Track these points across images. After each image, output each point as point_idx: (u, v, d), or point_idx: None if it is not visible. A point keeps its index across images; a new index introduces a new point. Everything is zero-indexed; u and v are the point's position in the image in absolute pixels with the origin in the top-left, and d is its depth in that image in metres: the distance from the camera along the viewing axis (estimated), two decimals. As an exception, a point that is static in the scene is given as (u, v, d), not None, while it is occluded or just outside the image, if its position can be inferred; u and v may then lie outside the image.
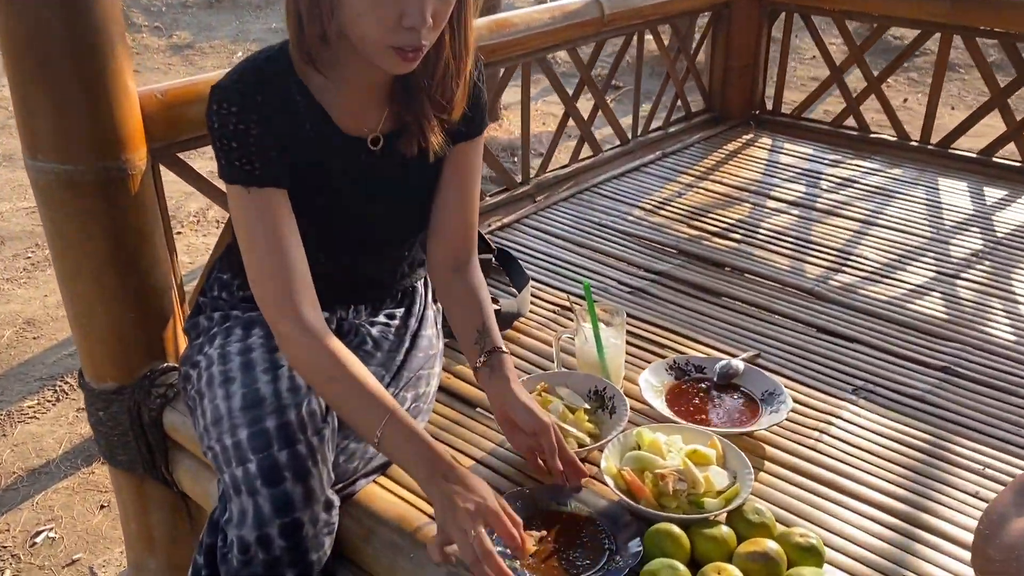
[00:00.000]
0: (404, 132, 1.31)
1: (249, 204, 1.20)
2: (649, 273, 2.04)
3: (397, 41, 1.12)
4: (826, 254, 2.14)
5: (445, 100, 1.28)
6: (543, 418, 1.27)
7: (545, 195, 2.45)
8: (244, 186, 1.19)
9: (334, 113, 1.26)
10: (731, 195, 2.48)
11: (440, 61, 1.24)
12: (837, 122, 2.96)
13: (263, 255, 1.20)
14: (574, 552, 1.19)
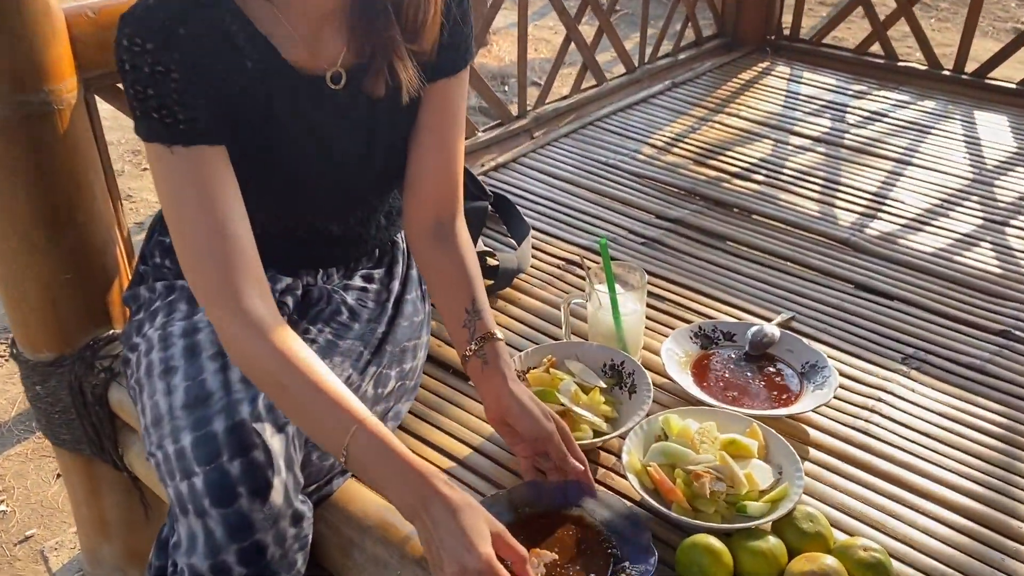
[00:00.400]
0: (369, 67, 1.06)
1: (173, 167, 0.95)
2: (664, 221, 1.82)
3: None
4: (859, 198, 1.92)
5: (415, 25, 1.04)
6: (546, 425, 1.05)
7: (544, 130, 2.20)
8: (166, 145, 0.94)
9: (282, 46, 1.01)
10: (750, 130, 2.24)
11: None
12: (861, 49, 2.70)
13: (194, 230, 0.95)
14: (577, 564, 1.00)
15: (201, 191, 0.95)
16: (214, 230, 0.95)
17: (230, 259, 0.95)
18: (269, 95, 1.02)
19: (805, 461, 1.18)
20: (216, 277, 0.95)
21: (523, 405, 1.06)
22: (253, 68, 1.00)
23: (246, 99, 1.00)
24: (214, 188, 0.96)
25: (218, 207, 0.95)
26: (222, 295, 0.95)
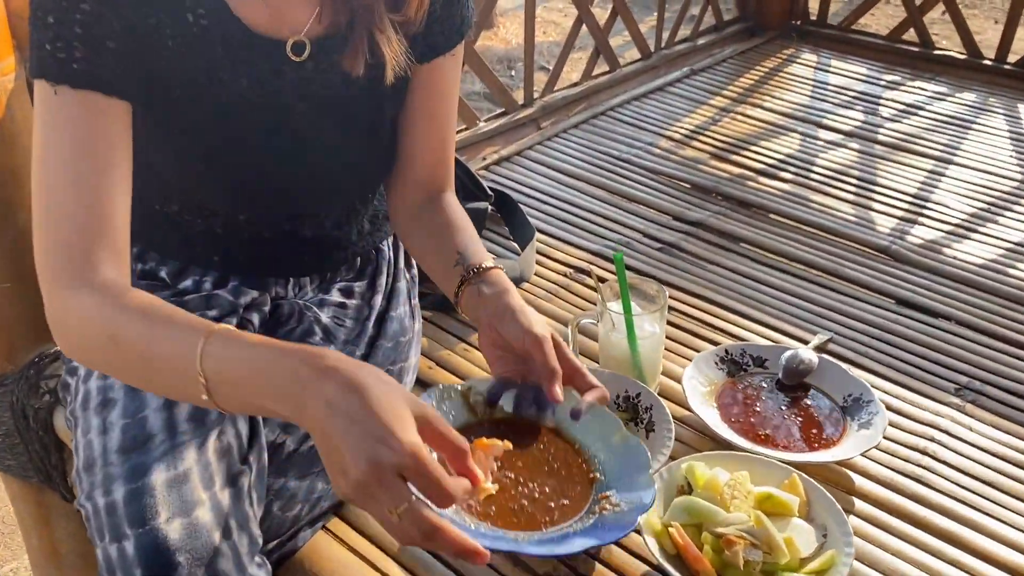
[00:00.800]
0: (346, 39, 0.89)
1: (54, 111, 0.77)
2: (683, 223, 1.64)
3: None
4: (898, 200, 1.74)
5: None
6: (537, 330, 0.85)
7: (552, 120, 2.03)
8: (51, 83, 0.77)
9: (235, 2, 0.84)
10: (775, 123, 2.06)
11: None
12: (894, 36, 2.51)
13: (58, 186, 0.76)
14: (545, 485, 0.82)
15: (78, 144, 0.77)
16: (83, 190, 0.76)
17: (94, 226, 0.76)
18: (213, 57, 0.85)
19: (850, 515, 1.01)
20: (70, 244, 0.76)
21: (520, 309, 0.87)
22: (195, 21, 0.83)
23: (182, 58, 0.83)
24: (95, 144, 0.77)
25: (95, 165, 0.77)
26: (72, 265, 0.75)
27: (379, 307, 1.12)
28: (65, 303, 0.75)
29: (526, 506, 0.80)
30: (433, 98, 1.00)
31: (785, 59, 2.44)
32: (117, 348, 0.73)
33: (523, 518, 0.79)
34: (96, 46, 0.77)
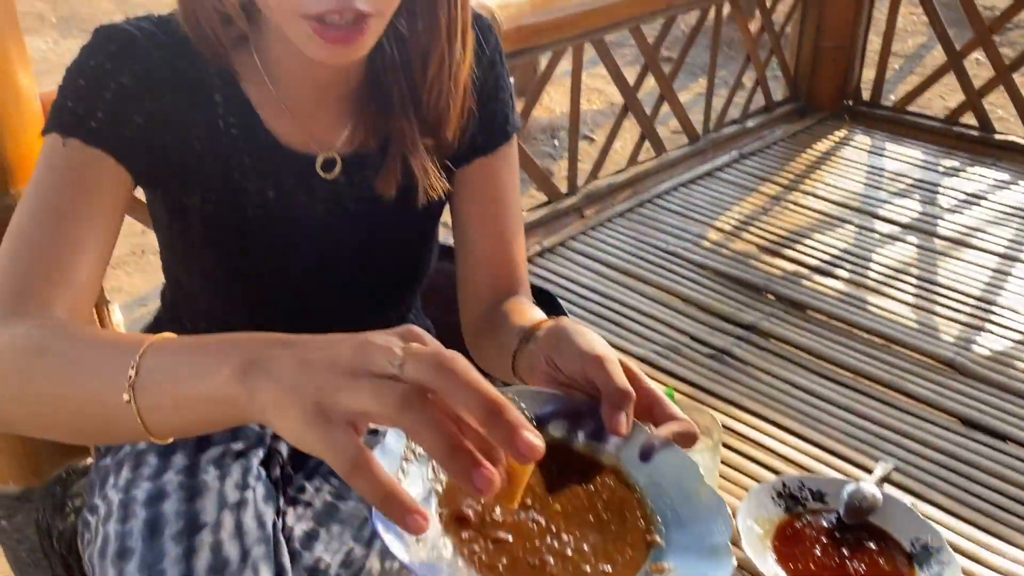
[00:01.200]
0: (377, 159, 0.85)
1: (57, 159, 0.74)
2: (733, 326, 1.58)
3: (311, 3, 0.67)
4: (962, 304, 1.66)
5: (436, 112, 0.83)
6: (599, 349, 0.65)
7: (596, 208, 1.98)
8: (63, 135, 0.73)
9: (266, 114, 0.82)
10: (828, 212, 1.99)
11: (434, 51, 0.80)
12: (952, 118, 2.43)
13: (27, 229, 0.71)
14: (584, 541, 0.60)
15: (67, 191, 0.73)
16: (52, 234, 0.71)
17: (54, 267, 0.71)
18: (240, 166, 0.82)
19: None
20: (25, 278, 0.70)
21: (576, 331, 0.68)
22: (225, 129, 0.80)
23: (208, 162, 0.81)
24: (85, 197, 0.73)
25: (75, 214, 0.72)
26: (19, 298, 0.69)
27: None
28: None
29: (551, 564, 0.57)
30: (483, 202, 0.94)
31: (837, 142, 2.38)
32: (40, 361, 0.63)
33: None
34: (121, 116, 0.74)
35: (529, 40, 1.64)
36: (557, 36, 1.71)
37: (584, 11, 1.72)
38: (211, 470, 0.91)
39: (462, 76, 0.83)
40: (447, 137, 0.86)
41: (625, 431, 0.61)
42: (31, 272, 0.71)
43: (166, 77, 0.77)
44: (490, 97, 0.90)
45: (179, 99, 0.78)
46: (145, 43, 0.76)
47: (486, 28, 0.90)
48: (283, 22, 0.71)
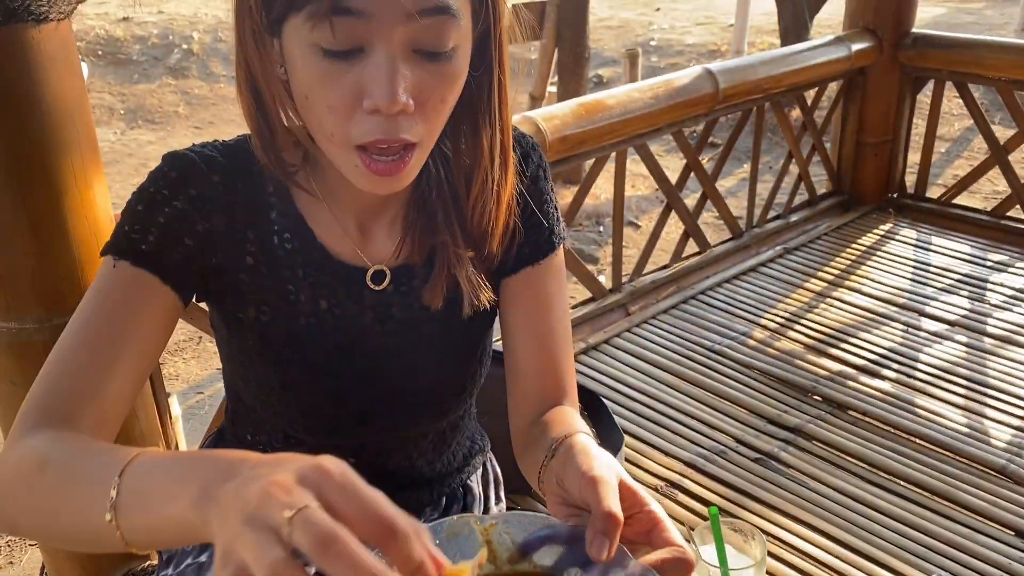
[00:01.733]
0: (425, 271, 0.90)
1: (107, 279, 0.80)
2: (779, 429, 1.58)
3: (360, 135, 0.73)
4: (1014, 407, 1.64)
5: (479, 228, 0.88)
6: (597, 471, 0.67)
7: (641, 305, 2.01)
8: (115, 257, 0.79)
9: (320, 229, 0.87)
10: (875, 310, 1.99)
11: (477, 172, 0.85)
12: (998, 212, 2.44)
13: (68, 348, 0.77)
14: None
15: (111, 311, 0.78)
16: (90, 355, 0.76)
17: (86, 388, 0.76)
18: (293, 278, 0.87)
19: None
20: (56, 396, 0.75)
21: (583, 451, 0.72)
22: (279, 244, 0.86)
23: (261, 275, 0.86)
24: (127, 317, 0.78)
25: (115, 335, 0.77)
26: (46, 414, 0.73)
27: None
28: (19, 441, 0.72)
29: None
30: (529, 312, 0.97)
31: (882, 235, 2.39)
32: (41, 476, 0.68)
33: None
34: (171, 238, 0.80)
35: (574, 149, 1.71)
36: (600, 143, 1.77)
37: (626, 119, 1.78)
38: None
39: (505, 195, 0.87)
40: (491, 251, 0.91)
41: (603, 557, 0.62)
42: (61, 390, 0.76)
43: (220, 199, 0.83)
44: (535, 211, 0.94)
45: (233, 219, 0.84)
46: (204, 168, 0.83)
47: (529, 147, 0.95)
48: (333, 152, 0.76)
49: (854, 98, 2.49)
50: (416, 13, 0.69)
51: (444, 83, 0.74)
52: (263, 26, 0.73)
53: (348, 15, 0.68)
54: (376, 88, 0.70)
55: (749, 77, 2.06)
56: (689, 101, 1.92)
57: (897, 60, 2.43)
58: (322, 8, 0.68)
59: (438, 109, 0.75)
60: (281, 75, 0.76)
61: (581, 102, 1.74)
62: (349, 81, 0.71)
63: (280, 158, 0.83)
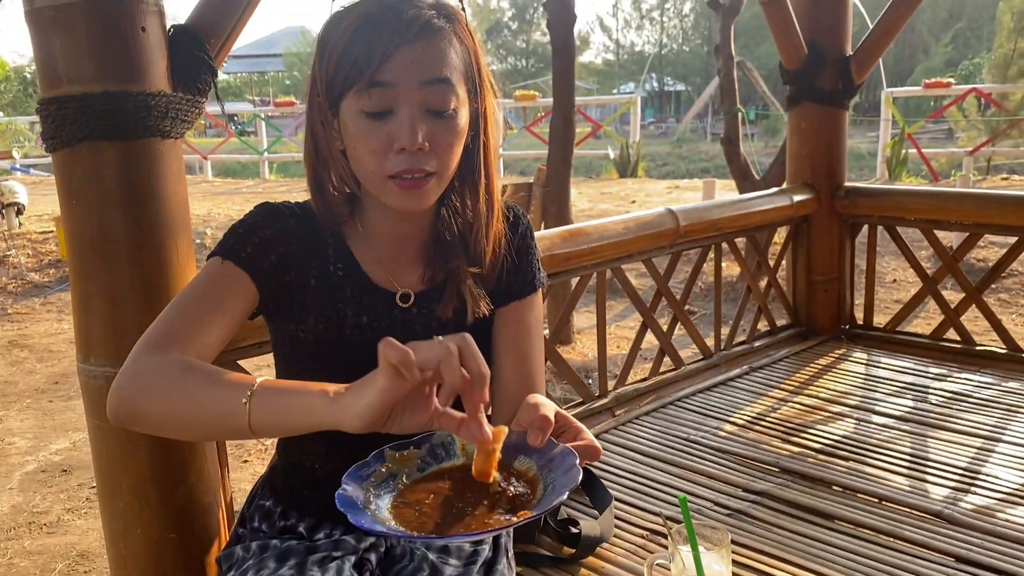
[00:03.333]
0: (440, 291, 1.21)
1: (210, 271, 1.12)
2: (749, 493, 1.81)
3: (392, 168, 1.07)
4: (950, 473, 1.88)
5: (477, 251, 1.22)
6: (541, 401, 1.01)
7: (625, 409, 2.28)
8: (221, 257, 1.13)
9: (363, 261, 1.21)
10: (830, 410, 2.27)
11: (477, 218, 1.20)
12: (937, 335, 2.76)
13: (181, 305, 1.09)
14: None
15: (211, 289, 1.11)
16: (196, 314, 1.08)
17: (190, 334, 1.06)
18: (343, 297, 1.18)
19: None
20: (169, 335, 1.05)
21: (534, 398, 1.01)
22: (334, 271, 1.18)
23: (321, 293, 1.17)
24: (221, 296, 1.11)
25: (212, 305, 1.09)
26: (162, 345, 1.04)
27: (485, 556, 1.30)
28: (149, 356, 1.03)
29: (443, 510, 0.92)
30: (516, 334, 1.28)
31: (837, 357, 2.70)
32: (186, 375, 0.99)
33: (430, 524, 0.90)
34: (263, 253, 1.14)
35: (560, 265, 2.05)
36: (582, 262, 2.12)
37: (602, 244, 2.14)
38: (315, 569, 1.18)
39: (492, 231, 1.22)
40: (484, 266, 1.23)
41: (538, 443, 0.97)
42: (176, 329, 1.08)
43: (295, 235, 1.18)
44: (523, 259, 1.29)
45: (303, 250, 1.18)
46: (286, 213, 1.19)
47: (519, 213, 1.31)
48: (374, 185, 1.11)
49: (801, 242, 2.88)
50: (426, 82, 1.06)
51: (450, 133, 1.10)
52: (327, 108, 1.10)
53: (380, 86, 1.05)
54: (402, 135, 1.06)
55: (705, 217, 2.45)
56: (654, 234, 2.29)
57: (834, 209, 2.84)
58: (363, 84, 1.05)
59: (447, 151, 1.11)
60: (339, 146, 1.12)
61: (566, 228, 2.11)
62: (383, 133, 1.07)
63: (332, 211, 1.17)
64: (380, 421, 0.87)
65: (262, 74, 36.29)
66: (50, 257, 7.63)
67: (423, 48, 1.05)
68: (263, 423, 0.94)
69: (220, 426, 1.00)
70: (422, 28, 1.05)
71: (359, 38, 1.05)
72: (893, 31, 2.70)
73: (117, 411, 1.03)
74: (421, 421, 0.89)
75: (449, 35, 1.09)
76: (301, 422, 0.92)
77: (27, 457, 3.95)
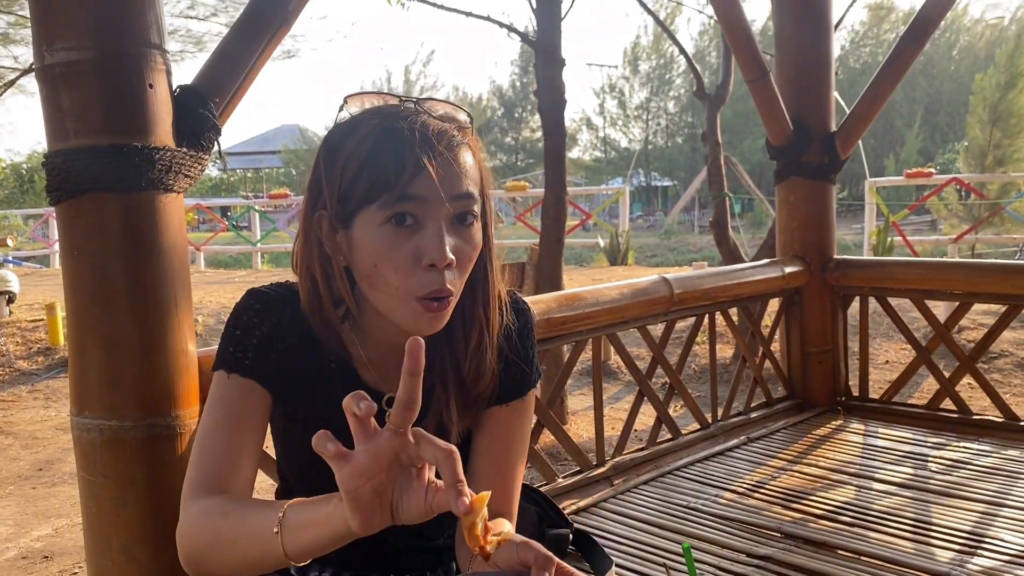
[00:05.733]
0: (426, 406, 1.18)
1: (223, 389, 1.11)
2: (752, 558, 1.77)
3: (421, 288, 1.03)
4: (955, 537, 1.85)
5: (475, 375, 1.16)
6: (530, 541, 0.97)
7: (623, 478, 2.25)
8: (227, 371, 1.11)
9: (356, 361, 1.17)
10: (830, 478, 2.24)
11: (472, 330, 1.15)
12: (933, 405, 2.75)
13: (208, 439, 1.08)
14: None
15: (231, 413, 1.09)
16: (226, 442, 1.08)
17: (226, 467, 1.06)
18: (334, 392, 1.14)
19: None
20: (208, 476, 1.06)
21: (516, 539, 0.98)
22: (327, 365, 1.16)
23: (315, 385, 1.15)
24: (242, 414, 1.10)
25: (238, 427, 1.09)
26: (205, 487, 1.05)
27: None
28: (194, 504, 1.03)
29: None
30: (496, 445, 1.21)
31: (835, 428, 2.68)
32: (224, 520, 0.99)
33: None
34: (263, 354, 1.11)
35: (556, 329, 2.05)
36: (577, 327, 2.12)
37: (597, 309, 2.15)
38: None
39: (492, 348, 1.17)
40: (480, 391, 1.18)
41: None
42: (210, 471, 1.07)
43: (290, 327, 1.14)
44: (515, 361, 1.22)
45: (299, 339, 1.15)
46: (279, 303, 1.15)
47: (520, 309, 1.26)
48: (393, 302, 1.06)
49: (794, 313, 2.90)
50: (454, 197, 1.05)
51: (470, 245, 1.08)
52: (336, 221, 1.07)
53: (411, 200, 1.03)
54: (432, 250, 1.03)
55: (698, 286, 2.47)
56: (649, 300, 2.30)
57: (825, 281, 2.87)
58: (392, 198, 1.02)
59: (465, 266, 1.09)
60: (341, 261, 1.09)
61: (561, 293, 2.12)
62: (410, 247, 1.04)
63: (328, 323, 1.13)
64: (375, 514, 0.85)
65: (257, 171, 36.91)
66: (39, 345, 7.57)
67: (451, 162, 1.04)
68: (296, 547, 0.92)
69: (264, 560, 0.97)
70: (448, 143, 1.04)
71: (384, 149, 1.02)
72: (876, 108, 2.79)
73: (186, 567, 1.06)
74: (418, 501, 0.85)
75: (466, 148, 1.08)
76: (327, 533, 0.89)
77: (7, 544, 3.84)
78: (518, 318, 1.25)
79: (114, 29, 1.29)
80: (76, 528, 4.00)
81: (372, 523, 0.84)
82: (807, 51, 2.82)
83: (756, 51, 2.66)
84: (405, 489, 0.85)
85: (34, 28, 1.31)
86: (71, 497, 4.40)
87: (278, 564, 0.95)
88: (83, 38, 1.27)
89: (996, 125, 12.05)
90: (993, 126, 12.03)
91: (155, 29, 1.33)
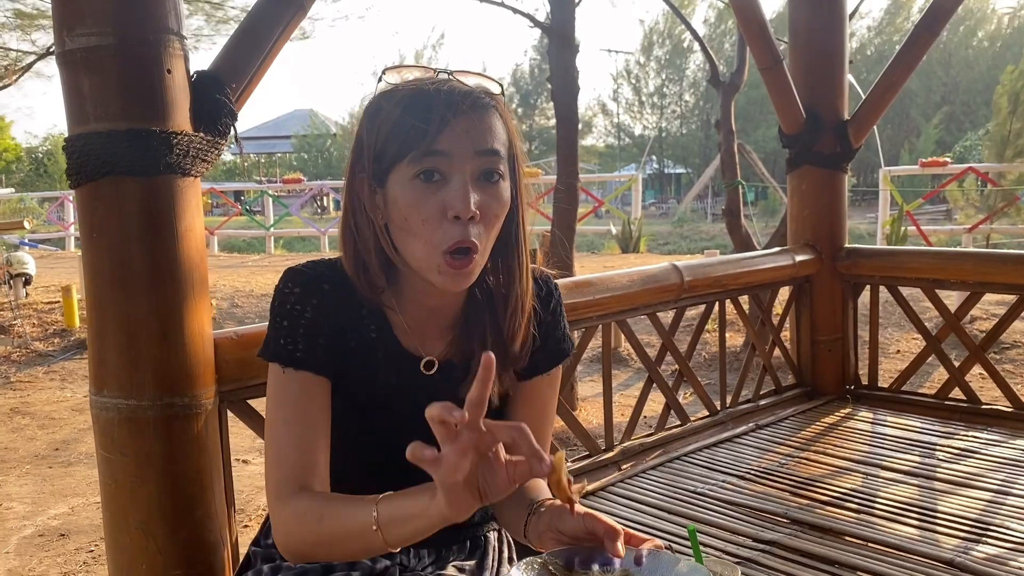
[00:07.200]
0: (462, 371, 1.21)
1: (282, 385, 1.15)
2: (758, 543, 1.79)
3: (446, 240, 1.08)
4: (961, 524, 1.86)
5: (511, 336, 1.21)
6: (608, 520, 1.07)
7: (632, 463, 2.27)
8: (281, 365, 1.15)
9: (396, 327, 1.22)
10: (839, 465, 2.25)
11: (510, 294, 1.20)
12: (942, 394, 2.76)
13: (281, 439, 1.13)
14: None
15: (295, 408, 1.13)
16: (297, 441, 1.12)
17: (305, 465, 1.11)
18: (376, 359, 1.19)
19: None
20: (286, 478, 1.10)
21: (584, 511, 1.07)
22: (368, 335, 1.20)
23: (359, 355, 1.19)
24: (307, 408, 1.13)
25: (306, 423, 1.13)
26: (289, 488, 1.09)
27: None
28: (285, 508, 1.08)
29: None
30: (530, 413, 1.29)
31: (843, 416, 2.69)
32: (320, 524, 1.03)
33: None
34: (312, 342, 1.14)
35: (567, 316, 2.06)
36: (588, 313, 2.14)
37: (608, 297, 2.17)
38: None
39: (527, 310, 1.22)
40: (515, 352, 1.23)
41: (622, 552, 1.05)
42: (294, 472, 1.12)
43: (332, 305, 1.18)
44: (550, 333, 1.29)
45: (342, 317, 1.19)
46: (318, 280, 1.18)
47: (552, 285, 1.32)
48: (423, 257, 1.11)
49: (804, 302, 2.91)
50: (479, 152, 1.09)
51: (497, 202, 1.12)
52: (373, 180, 1.12)
53: (436, 155, 1.08)
54: (456, 201, 1.07)
55: (709, 273, 2.48)
56: (659, 288, 2.31)
57: (836, 270, 2.88)
58: (419, 152, 1.08)
59: (492, 223, 1.13)
60: (381, 219, 1.14)
61: (571, 280, 2.13)
62: (437, 200, 1.08)
63: (373, 284, 1.18)
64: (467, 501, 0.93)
65: (269, 155, 37.00)
66: (55, 327, 7.66)
67: (476, 120, 1.10)
68: (398, 538, 1.02)
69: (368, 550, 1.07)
70: (473, 102, 1.10)
71: (414, 109, 1.08)
72: (889, 96, 2.79)
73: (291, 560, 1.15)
74: (501, 479, 0.93)
75: (494, 112, 1.13)
76: (424, 523, 0.99)
77: (25, 522, 3.91)
78: (552, 291, 1.31)
79: (133, 15, 1.31)
80: (92, 507, 4.06)
81: (465, 509, 0.94)
82: (821, 39, 2.81)
83: (769, 38, 2.66)
84: (487, 472, 0.93)
85: (55, 14, 1.33)
86: (87, 477, 4.47)
87: (381, 551, 1.06)
88: (103, 24, 1.29)
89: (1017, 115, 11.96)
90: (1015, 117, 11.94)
91: (173, 15, 1.35)
